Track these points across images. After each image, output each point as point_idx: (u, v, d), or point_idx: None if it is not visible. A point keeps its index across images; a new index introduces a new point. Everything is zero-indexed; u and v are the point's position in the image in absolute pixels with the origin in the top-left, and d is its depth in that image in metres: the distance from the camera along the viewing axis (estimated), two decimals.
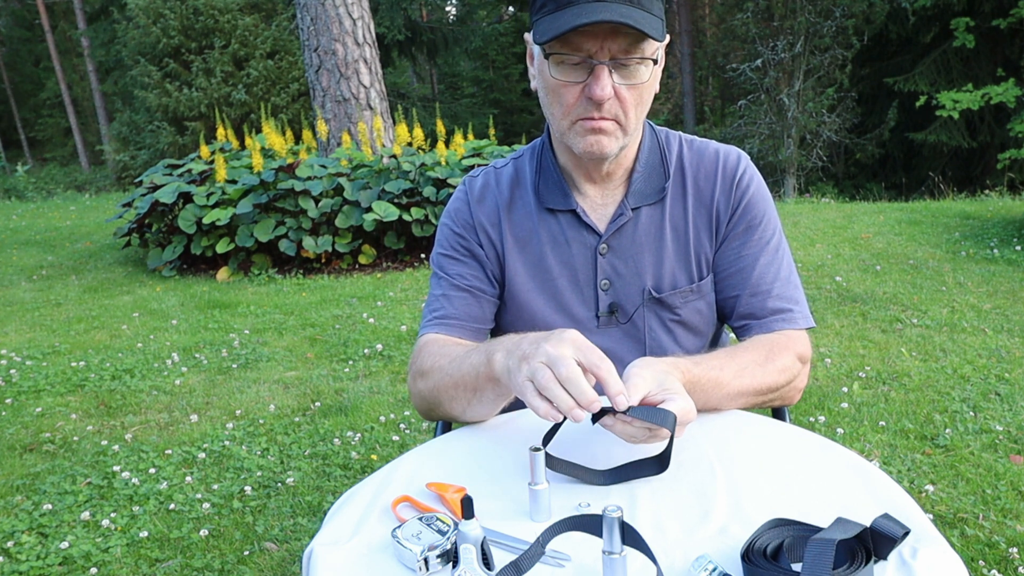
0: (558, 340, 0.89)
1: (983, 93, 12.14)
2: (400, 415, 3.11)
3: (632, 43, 1.02)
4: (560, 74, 1.06)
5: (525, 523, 0.85)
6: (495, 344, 1.01)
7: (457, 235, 1.25)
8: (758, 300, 1.19)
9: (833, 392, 3.08)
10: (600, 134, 1.08)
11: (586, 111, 1.07)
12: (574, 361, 0.86)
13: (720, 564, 0.73)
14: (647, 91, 1.09)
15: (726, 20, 16.83)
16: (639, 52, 1.03)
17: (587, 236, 1.20)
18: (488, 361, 0.99)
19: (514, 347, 0.94)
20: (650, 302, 1.21)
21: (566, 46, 1.03)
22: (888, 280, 4.70)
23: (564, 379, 0.85)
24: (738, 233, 1.20)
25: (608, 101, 1.05)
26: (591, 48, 1.02)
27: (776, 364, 1.11)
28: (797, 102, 13.48)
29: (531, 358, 0.89)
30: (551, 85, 1.08)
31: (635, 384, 0.90)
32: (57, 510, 2.47)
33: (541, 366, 0.87)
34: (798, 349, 1.16)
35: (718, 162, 1.21)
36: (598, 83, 1.03)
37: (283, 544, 2.25)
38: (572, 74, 1.05)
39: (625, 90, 1.06)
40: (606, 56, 1.03)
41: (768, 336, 1.16)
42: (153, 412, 3.28)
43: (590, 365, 0.87)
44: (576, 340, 0.89)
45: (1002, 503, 2.23)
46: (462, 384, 1.06)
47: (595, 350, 0.89)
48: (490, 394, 1.03)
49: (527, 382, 0.88)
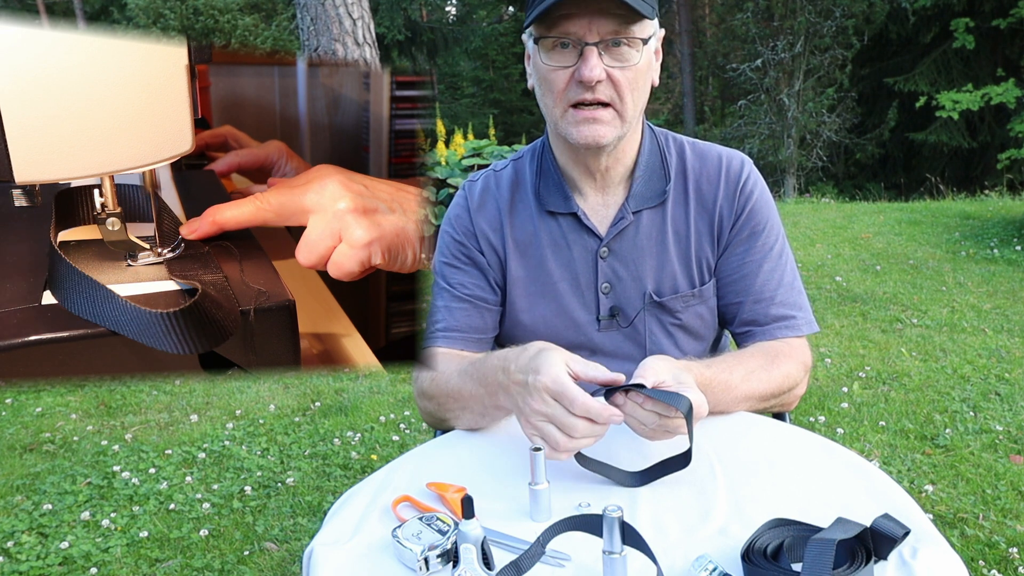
0: (535, 390, 0.90)
1: (983, 93, 12.13)
2: (400, 415, 3.11)
3: (621, 24, 1.02)
4: (550, 59, 1.06)
5: (525, 523, 0.85)
6: (492, 380, 1.01)
7: (458, 243, 1.24)
8: (761, 307, 1.18)
9: (833, 392, 3.08)
10: (595, 123, 1.07)
11: (577, 95, 1.06)
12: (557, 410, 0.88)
13: (720, 564, 0.73)
14: (642, 76, 1.08)
15: (726, 20, 16.82)
16: (629, 33, 1.03)
17: (588, 239, 1.20)
18: (494, 395, 1.01)
19: (510, 391, 0.96)
20: (651, 306, 1.20)
21: (554, 29, 1.04)
22: (888, 280, 4.70)
23: (563, 427, 0.88)
24: (742, 239, 1.20)
25: (601, 84, 1.04)
26: (579, 31, 1.02)
27: (780, 370, 1.11)
28: (797, 102, 13.48)
29: (530, 417, 0.91)
30: (543, 73, 1.08)
31: (652, 368, 0.91)
32: (57, 510, 2.47)
33: (543, 426, 0.89)
34: (801, 357, 1.16)
35: (721, 166, 1.20)
36: (587, 64, 1.03)
37: (283, 544, 2.25)
38: (562, 58, 1.05)
39: (618, 72, 1.05)
40: (595, 37, 1.02)
41: (771, 343, 1.16)
42: (153, 412, 3.28)
43: (584, 376, 0.90)
44: (547, 387, 0.89)
45: (1002, 503, 2.23)
46: (468, 408, 1.08)
47: (580, 363, 0.91)
48: (500, 414, 1.06)
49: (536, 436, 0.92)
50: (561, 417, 0.87)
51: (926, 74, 13.36)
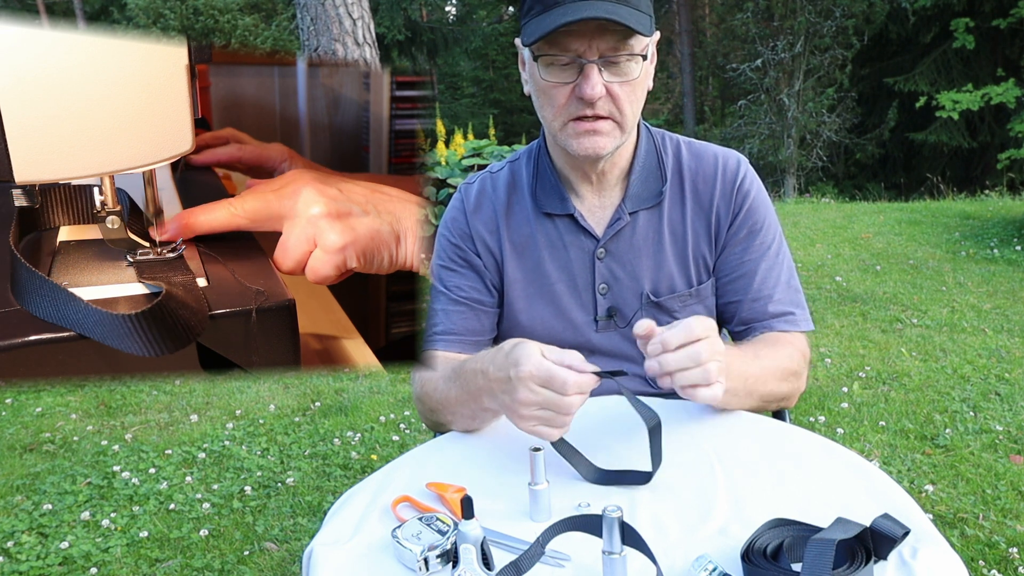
0: (520, 382, 0.90)
1: (983, 93, 12.14)
2: (400, 415, 3.11)
3: (620, 40, 1.02)
4: (550, 75, 1.06)
5: (525, 523, 0.85)
6: (473, 384, 1.02)
7: (454, 246, 1.24)
8: (759, 306, 1.19)
9: (833, 392, 3.08)
10: (595, 135, 1.08)
11: (578, 110, 1.06)
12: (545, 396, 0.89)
13: (720, 564, 0.73)
14: (639, 87, 1.09)
15: (726, 20, 16.82)
16: (628, 49, 1.03)
17: (585, 240, 1.20)
18: (478, 399, 1.02)
19: (493, 392, 0.97)
20: (648, 306, 1.20)
21: (554, 47, 1.03)
22: (888, 280, 4.70)
23: (558, 409, 0.89)
24: (740, 239, 1.20)
25: (600, 100, 1.05)
26: (579, 47, 1.02)
27: (784, 351, 1.14)
28: (797, 102, 13.48)
29: (520, 411, 0.91)
30: (542, 87, 1.08)
31: (687, 325, 0.90)
32: (57, 510, 2.47)
33: (536, 415, 0.91)
34: (800, 348, 1.17)
35: (717, 166, 1.21)
36: (588, 82, 1.03)
37: (283, 544, 2.25)
38: (562, 75, 1.05)
39: (617, 87, 1.05)
40: (595, 54, 1.02)
41: (773, 335, 1.18)
42: (153, 412, 3.28)
43: (560, 364, 0.90)
44: (532, 375, 0.90)
45: (1002, 503, 2.23)
46: (458, 412, 1.09)
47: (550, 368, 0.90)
48: (490, 416, 1.07)
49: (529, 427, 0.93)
50: (554, 400, 0.89)
51: (926, 74, 13.36)
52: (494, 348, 1.00)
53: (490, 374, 0.96)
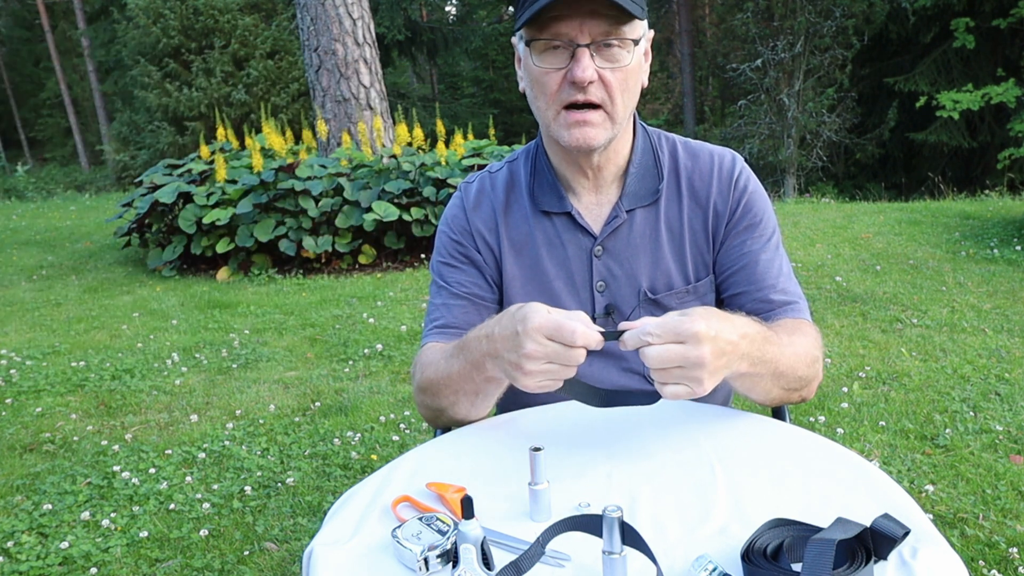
0: (527, 335, 0.90)
1: (983, 93, 12.13)
2: (400, 415, 3.11)
3: (612, 24, 1.03)
4: (542, 61, 1.07)
5: (525, 523, 0.85)
6: (477, 350, 1.01)
7: (455, 242, 1.25)
8: (763, 295, 1.19)
9: (833, 392, 3.08)
10: (586, 126, 1.08)
11: (570, 96, 1.07)
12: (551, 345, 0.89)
13: (720, 564, 0.73)
14: (632, 76, 1.09)
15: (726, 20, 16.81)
16: (620, 34, 1.04)
17: (582, 238, 1.21)
18: (482, 367, 1.01)
19: (498, 352, 0.96)
20: (646, 303, 1.21)
21: (546, 31, 1.04)
22: (888, 280, 4.70)
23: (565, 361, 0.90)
24: (739, 231, 1.21)
25: (592, 84, 1.05)
26: (571, 32, 1.03)
27: (808, 337, 1.10)
28: (797, 102, 13.47)
29: (526, 365, 0.91)
30: (535, 76, 1.08)
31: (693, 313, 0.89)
32: (57, 510, 2.47)
33: (543, 368, 0.91)
34: (813, 334, 1.14)
35: (713, 164, 1.22)
36: (579, 65, 1.03)
37: (283, 544, 2.25)
38: (554, 60, 1.06)
39: (609, 73, 1.06)
40: (586, 39, 1.03)
41: (789, 321, 1.15)
42: (153, 412, 3.28)
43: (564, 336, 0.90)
44: (540, 327, 0.90)
45: (1002, 503, 2.23)
46: (461, 390, 1.08)
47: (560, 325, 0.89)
48: (492, 389, 1.06)
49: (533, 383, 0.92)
50: (561, 353, 0.89)
51: (926, 74, 13.35)
52: (497, 315, 1.00)
53: (495, 335, 0.96)
